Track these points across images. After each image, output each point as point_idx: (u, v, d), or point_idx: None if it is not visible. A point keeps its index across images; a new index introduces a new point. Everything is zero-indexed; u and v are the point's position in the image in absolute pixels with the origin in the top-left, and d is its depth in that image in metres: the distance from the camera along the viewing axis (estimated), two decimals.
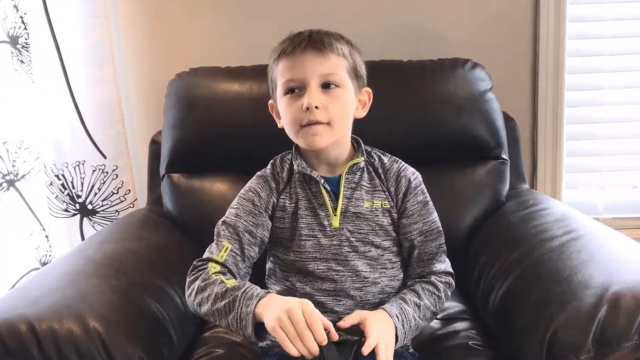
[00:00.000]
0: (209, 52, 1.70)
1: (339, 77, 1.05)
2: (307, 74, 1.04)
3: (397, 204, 1.12)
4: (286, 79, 1.06)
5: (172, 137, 1.50)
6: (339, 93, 1.06)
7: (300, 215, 1.10)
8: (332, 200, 1.10)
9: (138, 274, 1.16)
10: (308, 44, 1.04)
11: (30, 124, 1.66)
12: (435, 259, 1.13)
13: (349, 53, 1.08)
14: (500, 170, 1.50)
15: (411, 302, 1.05)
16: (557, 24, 1.68)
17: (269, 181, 1.13)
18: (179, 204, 1.48)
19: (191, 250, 1.35)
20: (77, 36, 1.60)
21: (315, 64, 1.04)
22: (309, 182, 1.12)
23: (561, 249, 1.11)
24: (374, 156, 1.16)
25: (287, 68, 1.05)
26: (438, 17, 1.69)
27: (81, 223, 1.69)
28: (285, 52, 1.06)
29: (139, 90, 1.75)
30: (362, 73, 1.12)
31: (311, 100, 1.02)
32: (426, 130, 1.47)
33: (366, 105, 1.15)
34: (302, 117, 1.04)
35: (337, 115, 1.05)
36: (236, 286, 0.97)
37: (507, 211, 1.42)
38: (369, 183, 1.13)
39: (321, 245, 1.09)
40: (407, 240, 1.12)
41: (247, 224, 1.08)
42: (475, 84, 1.49)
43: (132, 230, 1.37)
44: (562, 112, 1.72)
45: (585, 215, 1.31)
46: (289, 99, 1.06)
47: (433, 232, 1.13)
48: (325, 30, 1.09)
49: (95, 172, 1.66)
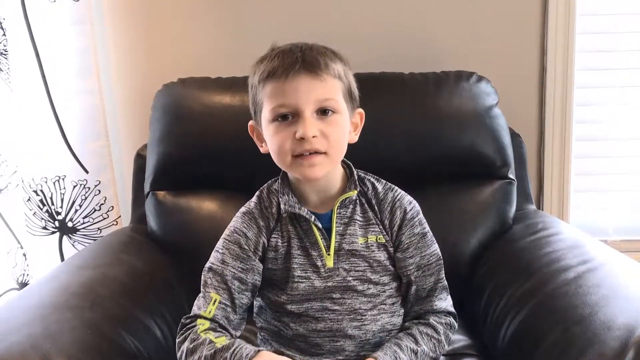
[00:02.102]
0: (198, 62, 1.61)
1: (335, 102, 0.96)
2: (301, 99, 0.93)
3: (392, 237, 1.03)
4: (276, 105, 0.95)
5: (158, 151, 1.40)
6: (336, 119, 0.96)
7: (293, 255, 1.01)
8: (324, 238, 1.01)
9: (115, 304, 1.06)
10: (302, 66, 0.93)
11: (9, 135, 1.57)
12: (435, 295, 1.03)
13: (343, 73, 0.99)
14: (507, 191, 1.41)
15: (407, 348, 0.96)
16: (565, 36, 1.60)
17: (256, 219, 1.03)
18: (164, 224, 1.39)
19: (175, 275, 1.29)
20: (59, 43, 1.50)
21: (310, 89, 0.93)
22: (298, 218, 1.02)
23: (578, 282, 1.02)
24: (367, 184, 1.06)
25: (277, 92, 0.94)
26: (442, 28, 1.61)
27: (60, 242, 1.59)
28: (275, 73, 0.94)
29: (125, 101, 1.66)
30: (355, 94, 1.02)
31: (307, 130, 0.92)
32: (428, 147, 1.39)
33: (358, 127, 1.05)
34: (295, 148, 0.94)
35: (335, 144, 0.96)
36: (225, 346, 0.89)
37: (515, 235, 1.33)
38: (362, 216, 1.03)
39: (315, 287, 1.00)
40: (404, 275, 1.03)
41: (235, 270, 0.99)
42: (480, 99, 1.41)
43: (112, 253, 1.27)
44: (571, 128, 1.64)
45: (598, 241, 1.23)
46: (278, 126, 0.96)
47: (431, 266, 1.03)
48: (317, 47, 0.98)
49: (77, 187, 1.56)
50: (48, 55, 1.50)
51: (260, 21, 1.60)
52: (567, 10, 1.59)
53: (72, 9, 1.50)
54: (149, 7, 1.61)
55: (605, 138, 1.70)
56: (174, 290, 1.23)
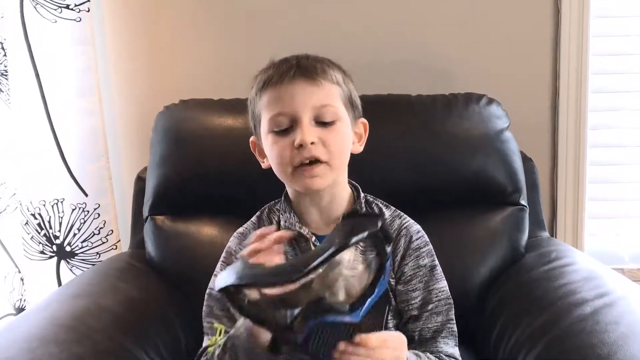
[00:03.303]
0: (201, 83, 1.58)
1: (334, 108, 0.92)
2: (298, 106, 0.90)
3: (394, 267, 0.97)
4: (273, 114, 0.92)
5: (158, 175, 1.36)
6: (336, 127, 0.92)
7: None
8: None
9: (106, 337, 1.01)
10: (297, 72, 0.91)
11: (8, 156, 1.54)
12: (441, 337, 0.96)
13: (342, 80, 0.95)
14: (519, 218, 1.36)
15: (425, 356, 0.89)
16: (579, 58, 1.55)
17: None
18: (163, 250, 1.34)
19: (172, 305, 1.24)
20: (59, 64, 1.47)
21: (306, 94, 0.90)
22: (298, 239, 0.97)
23: (595, 318, 0.96)
24: (375, 209, 1.02)
25: (273, 100, 0.92)
26: (450, 48, 1.56)
27: (58, 266, 1.54)
28: (271, 81, 0.92)
29: (126, 122, 1.63)
30: (357, 102, 0.99)
31: (305, 136, 0.89)
32: (436, 172, 1.34)
33: (362, 138, 1.01)
34: (294, 157, 0.91)
35: (337, 152, 0.92)
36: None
37: (528, 265, 1.27)
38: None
39: None
40: (406, 310, 0.96)
41: None
42: (491, 122, 1.36)
43: (107, 281, 1.22)
44: (585, 152, 1.58)
45: (615, 273, 1.17)
46: (276, 135, 0.92)
47: (440, 304, 0.97)
48: (314, 56, 0.96)
49: (75, 210, 1.52)
50: (48, 76, 1.47)
51: (265, 43, 1.56)
52: (580, 31, 1.54)
53: (74, 29, 1.47)
54: (152, 26, 1.59)
55: (621, 162, 1.64)
56: (170, 321, 1.18)
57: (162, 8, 1.58)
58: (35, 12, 1.43)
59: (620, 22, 1.59)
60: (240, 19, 1.58)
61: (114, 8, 1.58)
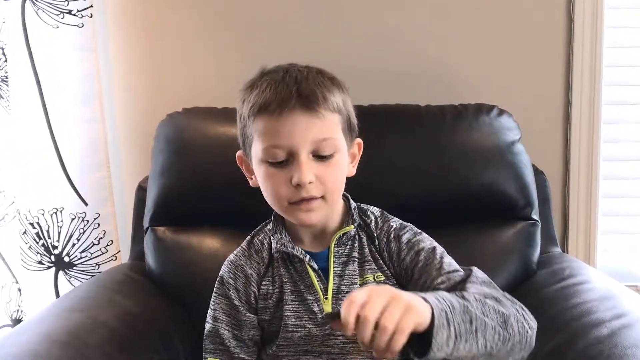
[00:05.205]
0: (204, 91, 1.55)
1: (334, 140, 0.88)
2: (297, 140, 0.85)
3: (396, 269, 0.93)
4: (269, 145, 0.87)
5: (159, 185, 1.33)
6: (335, 161, 0.88)
7: (286, 301, 0.92)
8: (320, 281, 0.93)
9: (100, 354, 0.96)
10: (297, 101, 0.85)
11: (7, 164, 1.51)
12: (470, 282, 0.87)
13: (342, 104, 0.90)
14: (530, 233, 1.32)
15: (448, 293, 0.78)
16: (592, 69, 1.51)
17: (243, 267, 0.96)
18: (163, 263, 1.31)
19: (172, 320, 1.20)
20: (61, 70, 1.44)
21: (306, 128, 0.85)
22: (292, 259, 0.94)
23: (613, 340, 0.92)
24: (370, 216, 0.98)
25: (269, 131, 0.86)
26: (461, 58, 1.53)
27: (56, 277, 1.51)
28: (268, 109, 0.86)
29: (128, 131, 1.60)
30: (354, 124, 0.94)
31: (303, 176, 0.85)
32: (445, 185, 1.30)
33: (356, 158, 0.98)
34: (291, 195, 0.87)
35: (334, 188, 0.89)
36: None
37: (540, 282, 1.23)
38: (360, 253, 0.94)
39: (312, 337, 0.91)
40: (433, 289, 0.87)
41: (229, 327, 0.94)
42: (502, 134, 1.32)
43: (104, 294, 1.18)
44: (598, 166, 1.55)
45: (631, 292, 1.13)
46: (270, 167, 0.88)
47: (454, 264, 0.91)
48: (313, 76, 0.89)
49: (75, 220, 1.48)
50: (49, 82, 1.44)
51: (269, 52, 1.52)
52: (594, 42, 1.50)
53: (76, 35, 1.44)
54: (156, 34, 1.56)
55: (635, 177, 1.61)
56: (168, 337, 1.14)
57: (165, 15, 1.55)
58: (37, 17, 1.40)
59: (636, 33, 1.55)
60: (244, 27, 1.55)
61: (117, 14, 1.55)
